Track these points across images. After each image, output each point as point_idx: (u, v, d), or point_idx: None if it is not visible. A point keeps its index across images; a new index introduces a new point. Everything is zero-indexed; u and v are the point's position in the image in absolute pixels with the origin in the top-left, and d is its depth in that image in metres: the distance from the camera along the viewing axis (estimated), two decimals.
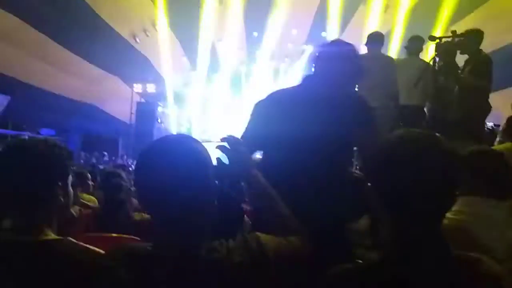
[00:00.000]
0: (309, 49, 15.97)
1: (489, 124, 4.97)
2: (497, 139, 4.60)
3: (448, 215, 1.14)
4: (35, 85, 10.16)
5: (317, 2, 11.86)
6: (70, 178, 1.29)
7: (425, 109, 4.69)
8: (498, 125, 5.13)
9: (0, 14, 7.83)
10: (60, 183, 1.24)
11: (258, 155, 1.99)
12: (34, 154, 1.21)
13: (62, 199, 1.25)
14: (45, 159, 1.22)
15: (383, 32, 5.32)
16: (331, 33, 13.41)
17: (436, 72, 4.27)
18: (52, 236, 1.21)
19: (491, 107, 4.18)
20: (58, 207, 1.25)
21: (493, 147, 3.85)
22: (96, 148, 12.15)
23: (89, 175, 4.42)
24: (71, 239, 1.22)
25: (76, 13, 9.15)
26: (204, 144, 1.20)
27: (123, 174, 2.99)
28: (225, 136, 1.38)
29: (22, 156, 1.21)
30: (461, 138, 3.79)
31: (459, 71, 4.27)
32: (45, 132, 11.69)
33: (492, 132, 5.01)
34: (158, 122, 14.38)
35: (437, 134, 1.06)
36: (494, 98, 4.26)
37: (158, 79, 14.71)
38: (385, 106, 4.24)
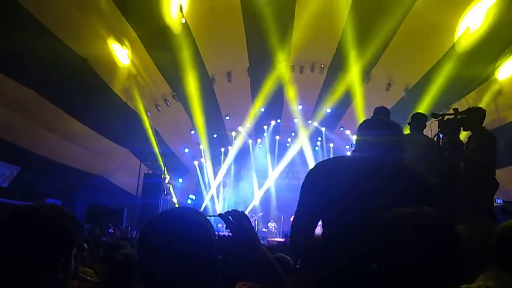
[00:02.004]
0: (315, 124, 16.43)
1: (498, 200, 4.89)
2: None
3: None
4: (46, 156, 10.35)
5: (322, 80, 12.36)
6: (74, 251, 1.17)
7: None
8: (508, 202, 5.04)
9: (18, 88, 8.19)
10: (62, 259, 1.11)
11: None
12: (40, 225, 1.09)
13: (61, 275, 1.10)
14: (52, 230, 1.10)
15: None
16: (336, 110, 13.86)
17: (441, 149, 4.31)
18: None
19: (498, 183, 4.15)
20: (55, 284, 1.10)
21: None
22: (101, 219, 12.01)
23: (86, 247, 4.32)
24: None
25: (92, 89, 9.60)
26: (208, 217, 1.20)
27: (128, 247, 2.92)
28: (229, 210, 1.38)
29: (25, 225, 1.08)
30: (471, 215, 3.72)
31: (464, 148, 4.31)
32: (51, 202, 11.67)
33: (503, 208, 4.92)
34: (164, 193, 14.38)
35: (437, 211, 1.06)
36: (500, 175, 4.24)
37: (167, 151, 14.97)
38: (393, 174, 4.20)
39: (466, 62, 9.13)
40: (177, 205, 15.38)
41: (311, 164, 17.11)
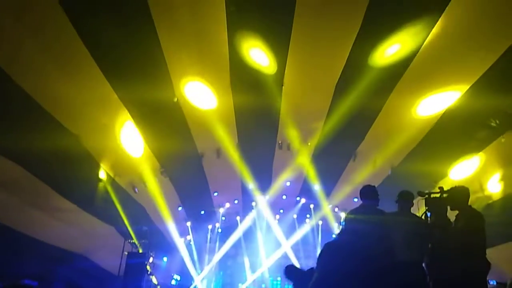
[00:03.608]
0: (303, 201, 16.39)
1: (491, 282, 4.79)
2: None
3: None
4: (25, 233, 9.97)
5: (310, 155, 12.55)
6: None
7: (423, 265, 4.56)
8: (502, 284, 4.93)
9: (2, 161, 8.10)
10: None
11: None
12: None
13: None
14: None
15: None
16: (324, 186, 13.96)
17: (430, 227, 4.30)
18: None
19: (490, 264, 4.09)
20: None
21: None
22: None
23: None
24: None
25: (81, 164, 9.56)
26: None
27: None
28: None
29: None
30: None
31: (452, 226, 4.31)
32: (27, 282, 10.99)
33: None
34: (147, 274, 13.73)
35: None
36: (492, 255, 4.20)
37: (152, 228, 14.59)
38: (383, 265, 4.12)
39: (446, 142, 9.45)
40: None
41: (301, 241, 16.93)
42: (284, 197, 15.92)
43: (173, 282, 16.82)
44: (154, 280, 14.74)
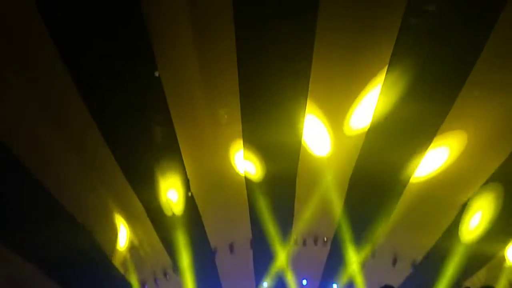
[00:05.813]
0: None
1: None
2: None
3: None
4: None
5: (326, 254, 12.19)
6: None
7: None
8: None
9: (16, 260, 8.03)
10: None
11: None
12: None
13: None
14: None
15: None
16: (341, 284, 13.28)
17: None
18: None
19: None
20: None
21: None
22: None
23: None
24: None
25: (92, 261, 9.42)
26: None
27: None
28: None
29: None
30: None
31: None
32: None
33: None
34: None
35: None
36: None
37: None
38: None
39: (471, 238, 9.12)
40: None
41: None
42: None
43: None
44: None
